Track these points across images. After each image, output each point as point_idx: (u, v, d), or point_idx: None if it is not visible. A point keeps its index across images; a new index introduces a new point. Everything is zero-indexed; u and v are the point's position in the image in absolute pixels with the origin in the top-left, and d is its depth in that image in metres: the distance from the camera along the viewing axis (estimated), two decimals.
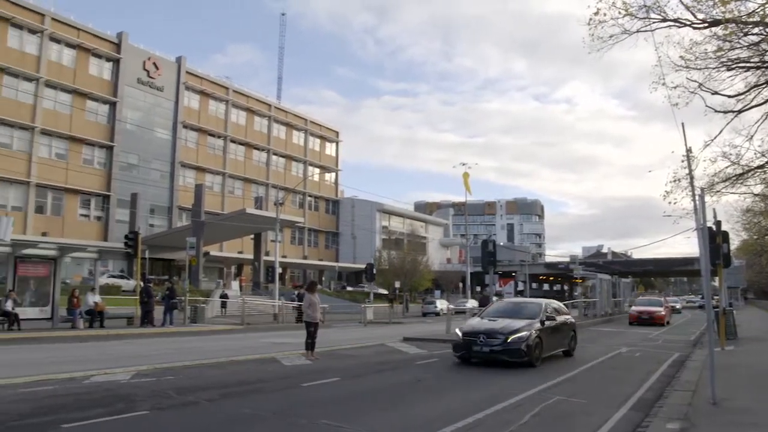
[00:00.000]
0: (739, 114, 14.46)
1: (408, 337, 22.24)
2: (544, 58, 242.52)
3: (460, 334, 14.37)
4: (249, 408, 8.59)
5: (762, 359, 15.43)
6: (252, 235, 55.33)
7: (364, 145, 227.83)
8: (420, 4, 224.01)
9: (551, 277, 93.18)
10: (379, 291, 57.43)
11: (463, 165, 53.38)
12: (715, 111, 14.56)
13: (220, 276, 59.60)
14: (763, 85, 13.66)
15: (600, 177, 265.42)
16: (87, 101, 52.29)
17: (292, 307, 33.55)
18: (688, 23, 12.85)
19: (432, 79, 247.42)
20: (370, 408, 8.82)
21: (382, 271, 56.81)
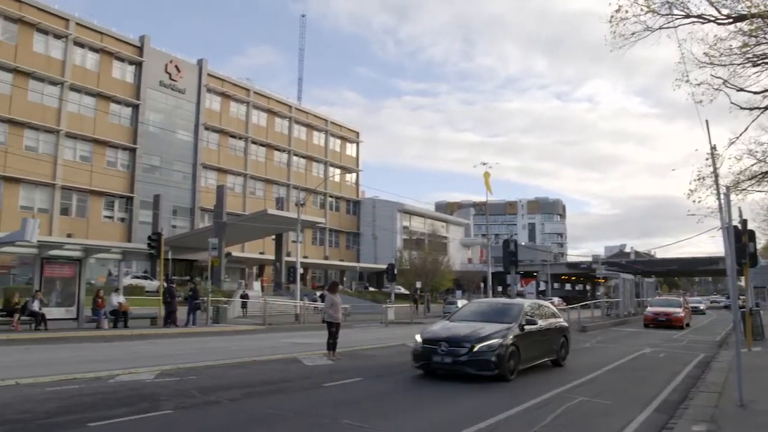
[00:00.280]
0: (766, 111, 14.24)
1: None
2: (566, 57, 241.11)
3: (420, 341, 12.21)
4: (271, 408, 8.63)
5: None
6: (273, 236, 55.56)
7: (385, 145, 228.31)
8: (440, 4, 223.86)
9: (573, 277, 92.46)
10: (401, 291, 57.37)
11: (484, 165, 52.85)
12: (740, 108, 14.36)
13: (242, 276, 59.91)
14: None
15: (623, 176, 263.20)
16: (110, 104, 52.91)
17: (314, 307, 33.68)
18: (712, 19, 12.70)
19: (452, 78, 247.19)
20: (392, 408, 8.82)
21: (403, 272, 56.73)
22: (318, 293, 41.06)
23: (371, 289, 68.78)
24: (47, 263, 22.46)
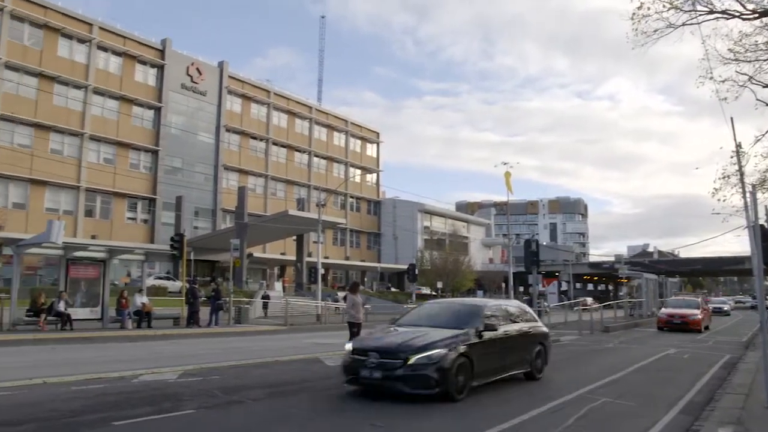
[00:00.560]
0: None
1: None
2: (586, 55, 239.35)
3: (350, 350, 10.00)
4: (294, 408, 8.66)
5: None
6: (294, 237, 55.79)
7: (405, 145, 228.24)
8: (460, 3, 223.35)
9: (595, 277, 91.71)
10: (424, 291, 57.18)
11: (505, 164, 52.45)
12: (766, 104, 14.13)
13: (264, 277, 60.24)
14: None
15: (645, 175, 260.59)
16: (133, 107, 53.56)
17: (335, 307, 33.76)
18: (737, 14, 12.51)
19: (472, 78, 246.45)
20: (414, 409, 8.79)
21: (424, 272, 56.71)
22: (341, 294, 41.16)
23: (393, 289, 68.80)
24: (72, 264, 22.74)
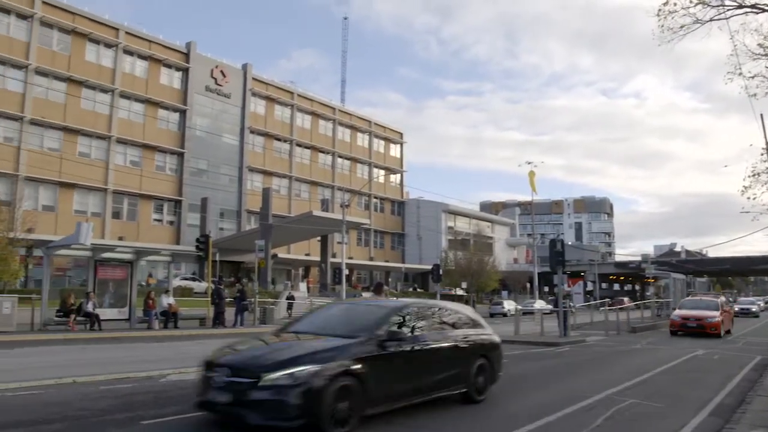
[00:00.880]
0: None
1: None
2: (612, 52, 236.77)
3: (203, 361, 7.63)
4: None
5: None
6: (319, 238, 55.99)
7: (429, 145, 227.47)
8: (483, 3, 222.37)
9: (621, 277, 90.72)
10: (455, 292, 56.88)
11: (529, 164, 52.49)
12: None
13: (288, 278, 60.58)
14: None
15: (672, 173, 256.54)
16: (158, 110, 54.24)
17: None
18: (767, 8, 12.27)
19: (496, 77, 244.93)
20: (437, 410, 8.74)
21: (449, 272, 56.50)
22: (365, 294, 41.20)
23: (419, 290, 68.76)
24: (100, 265, 23.10)
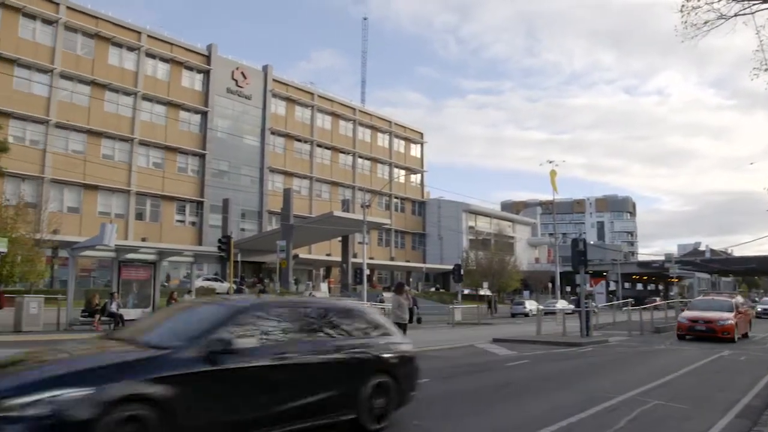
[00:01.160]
0: None
1: (497, 338, 21.92)
2: (634, 49, 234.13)
3: None
4: None
5: None
6: (339, 238, 56.12)
7: (450, 145, 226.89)
8: (502, 1, 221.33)
9: (645, 277, 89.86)
10: (479, 292, 56.69)
11: (550, 162, 52.02)
12: None
13: (309, 278, 60.82)
14: None
15: (696, 171, 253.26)
16: (180, 112, 54.74)
17: (380, 308, 33.83)
18: None
19: (516, 75, 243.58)
20: (460, 410, 8.74)
21: (470, 272, 56.37)
22: (386, 294, 41.27)
23: (440, 290, 68.69)
24: (124, 266, 23.40)
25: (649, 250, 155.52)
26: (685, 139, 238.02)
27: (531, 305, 48.94)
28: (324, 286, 51.91)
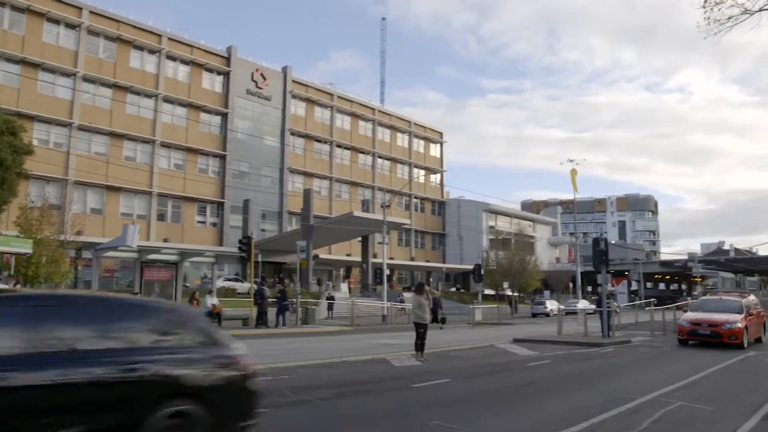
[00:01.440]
0: None
1: (518, 338, 21.85)
2: (655, 46, 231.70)
3: None
4: (361, 408, 8.71)
5: None
6: (359, 238, 56.17)
7: (470, 144, 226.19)
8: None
9: (667, 276, 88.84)
10: (500, 291, 56.50)
11: (571, 161, 51.47)
12: None
13: (329, 278, 60.94)
14: None
15: (720, 169, 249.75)
16: (201, 113, 55.15)
17: (400, 308, 33.87)
18: None
19: (537, 74, 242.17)
20: (481, 410, 8.71)
21: (490, 272, 56.13)
22: (406, 294, 41.30)
23: (461, 290, 68.51)
24: (146, 267, 23.67)
25: (671, 250, 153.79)
26: (708, 137, 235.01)
27: (552, 305, 48.66)
28: (344, 287, 52.00)
